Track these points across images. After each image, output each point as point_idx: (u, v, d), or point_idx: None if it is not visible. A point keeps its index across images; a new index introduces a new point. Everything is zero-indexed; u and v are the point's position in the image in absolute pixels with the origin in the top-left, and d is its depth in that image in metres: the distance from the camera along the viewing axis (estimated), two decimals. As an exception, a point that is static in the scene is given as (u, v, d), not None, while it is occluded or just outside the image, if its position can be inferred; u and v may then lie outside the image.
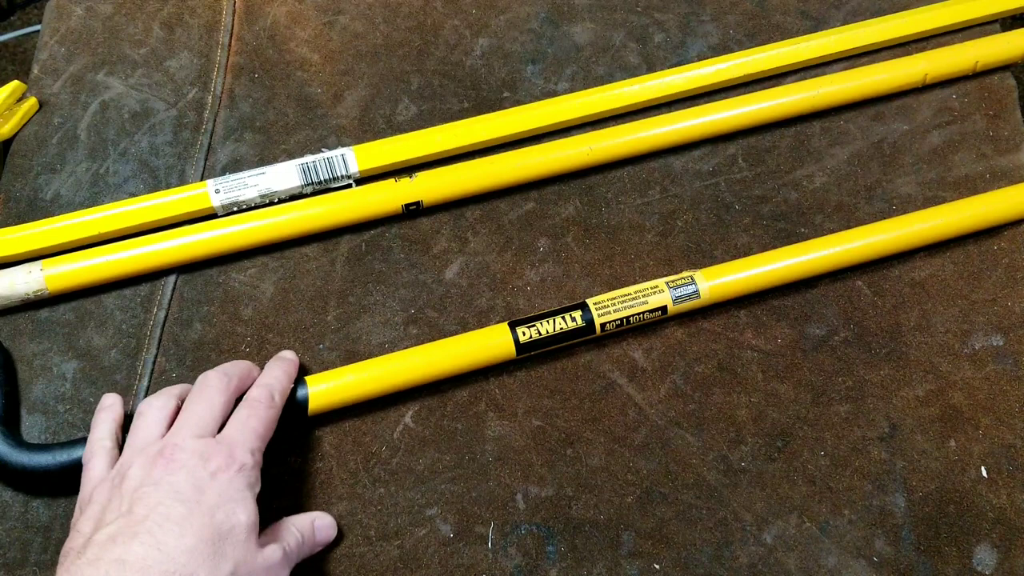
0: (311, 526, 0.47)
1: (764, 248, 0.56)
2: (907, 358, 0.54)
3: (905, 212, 0.57)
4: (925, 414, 0.52)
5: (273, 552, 0.42)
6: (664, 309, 0.52)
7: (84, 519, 0.41)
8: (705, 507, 0.50)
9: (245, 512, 0.41)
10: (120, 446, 0.46)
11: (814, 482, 0.51)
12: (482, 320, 0.54)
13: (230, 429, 0.44)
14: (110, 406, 0.48)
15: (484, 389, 0.52)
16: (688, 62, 0.62)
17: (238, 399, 0.47)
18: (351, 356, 0.53)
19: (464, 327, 0.54)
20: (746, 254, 0.55)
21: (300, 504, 0.49)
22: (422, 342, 0.52)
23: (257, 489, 0.43)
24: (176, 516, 0.39)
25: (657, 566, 0.49)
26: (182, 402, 0.46)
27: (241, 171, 0.56)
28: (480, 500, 0.50)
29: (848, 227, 0.56)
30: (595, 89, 0.60)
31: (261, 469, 0.44)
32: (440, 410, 0.52)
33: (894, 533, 0.49)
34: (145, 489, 0.40)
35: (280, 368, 0.49)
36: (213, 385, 0.46)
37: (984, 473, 0.51)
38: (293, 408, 0.49)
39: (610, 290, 0.53)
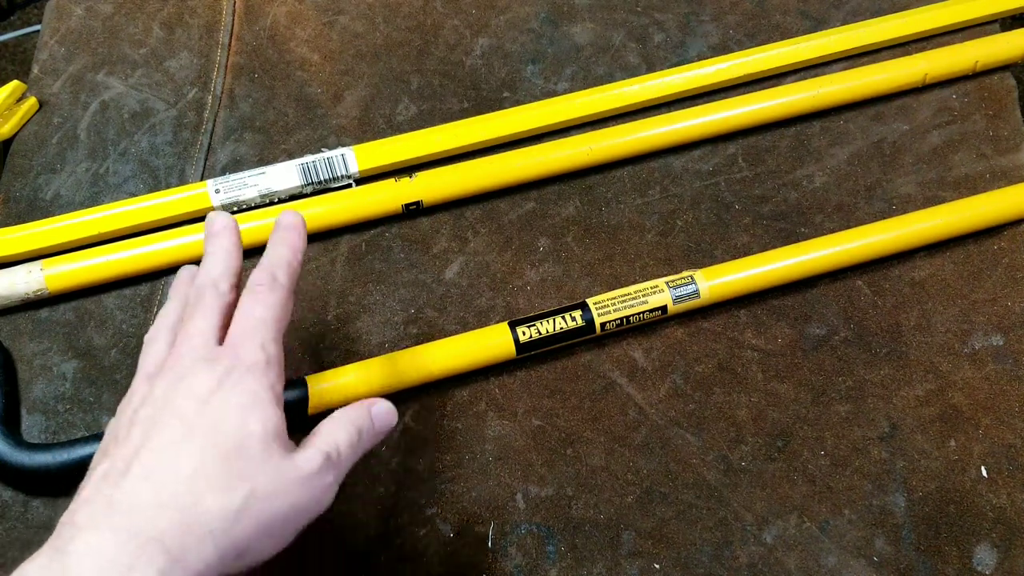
0: (367, 414, 0.39)
1: (764, 248, 0.56)
2: (907, 358, 0.54)
3: (905, 212, 0.57)
4: (925, 414, 0.52)
5: (309, 459, 0.35)
6: (664, 309, 0.52)
7: (98, 454, 0.36)
8: (705, 507, 0.50)
9: (259, 418, 0.35)
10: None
11: (814, 482, 0.51)
12: (482, 320, 0.54)
13: (234, 328, 0.38)
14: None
15: (484, 389, 0.52)
16: (688, 62, 0.62)
17: None
18: (351, 356, 0.53)
19: (464, 327, 0.54)
20: (746, 254, 0.55)
21: (300, 504, 0.49)
22: (422, 342, 0.52)
23: (279, 388, 0.37)
24: (171, 438, 0.34)
25: (657, 566, 0.49)
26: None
27: (241, 171, 0.56)
28: (480, 500, 0.50)
29: (848, 227, 0.56)
30: (595, 89, 0.60)
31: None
32: (440, 410, 0.52)
33: (894, 533, 0.49)
34: (143, 411, 0.35)
35: (282, 243, 0.41)
36: (207, 293, 0.39)
37: (984, 473, 0.51)
38: (293, 408, 0.49)
39: (610, 290, 0.53)
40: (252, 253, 0.55)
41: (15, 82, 0.59)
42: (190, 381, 0.35)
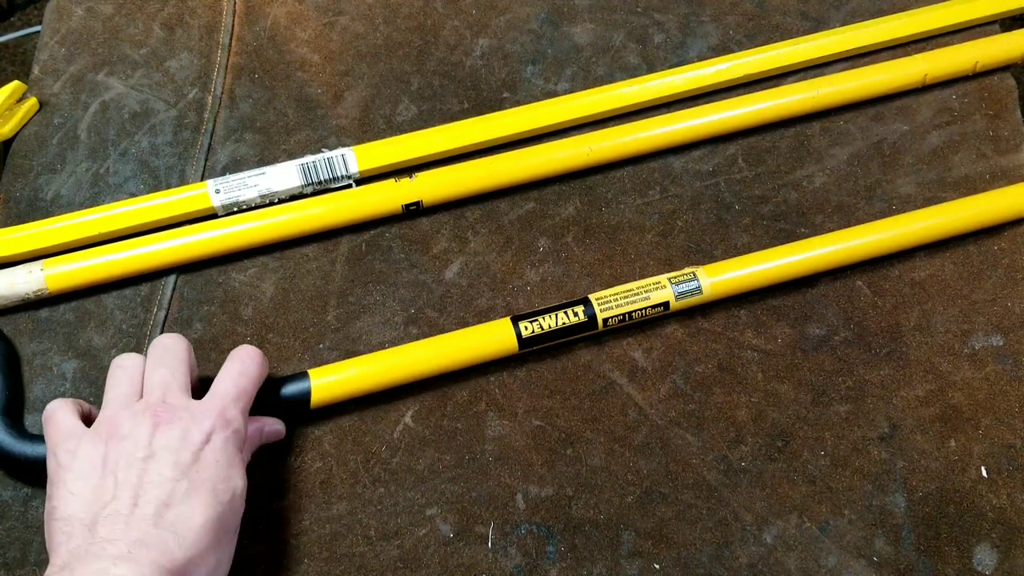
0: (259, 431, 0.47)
1: (764, 248, 0.56)
2: (907, 358, 0.54)
3: (905, 212, 0.57)
4: (925, 414, 0.52)
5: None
6: (666, 305, 0.52)
7: (78, 494, 0.40)
8: (705, 507, 0.50)
9: (242, 478, 0.42)
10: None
11: (814, 482, 0.51)
12: (482, 320, 0.54)
13: (220, 384, 0.44)
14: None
15: (484, 389, 0.52)
16: (688, 62, 0.62)
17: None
18: (351, 356, 0.53)
19: (464, 327, 0.54)
20: (746, 254, 0.55)
21: (300, 504, 0.49)
22: (422, 342, 0.52)
23: (244, 451, 0.44)
24: (181, 493, 0.39)
25: (657, 566, 0.49)
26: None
27: (241, 171, 0.56)
28: (480, 500, 0.50)
29: (848, 227, 0.56)
30: (595, 89, 0.60)
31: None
32: (440, 410, 0.52)
33: (894, 533, 0.49)
34: (147, 464, 0.40)
35: (241, 358, 0.47)
36: (172, 348, 0.45)
37: (984, 473, 0.51)
38: (295, 402, 0.49)
39: (610, 290, 0.53)
40: (251, 253, 0.56)
41: (15, 82, 0.59)
42: (184, 433, 0.41)
